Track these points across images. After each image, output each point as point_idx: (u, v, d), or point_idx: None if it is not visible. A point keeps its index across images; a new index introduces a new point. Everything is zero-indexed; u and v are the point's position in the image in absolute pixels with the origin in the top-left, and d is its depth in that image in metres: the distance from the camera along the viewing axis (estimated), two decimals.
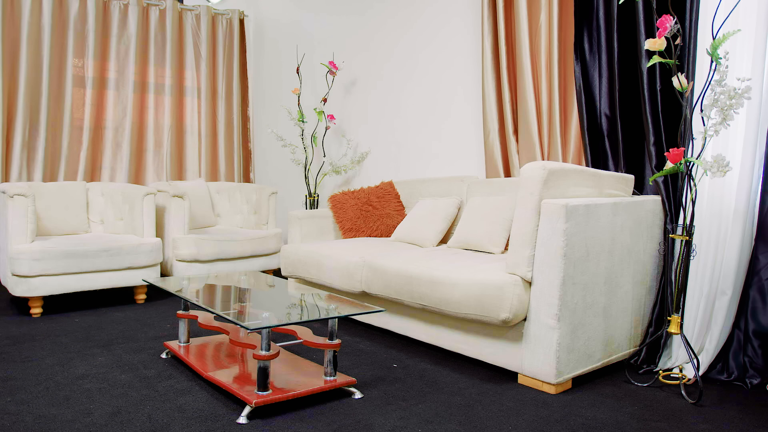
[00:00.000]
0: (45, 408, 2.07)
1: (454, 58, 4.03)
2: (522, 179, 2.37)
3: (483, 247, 3.00)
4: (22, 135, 4.60)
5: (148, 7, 5.16)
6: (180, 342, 2.66)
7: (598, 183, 2.60)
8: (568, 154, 3.28)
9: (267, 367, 2.07)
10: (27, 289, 3.36)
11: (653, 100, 2.72)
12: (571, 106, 3.27)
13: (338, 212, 3.95)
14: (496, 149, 3.62)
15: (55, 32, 4.71)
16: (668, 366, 2.58)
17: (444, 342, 2.69)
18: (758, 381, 2.42)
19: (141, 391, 2.24)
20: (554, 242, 2.25)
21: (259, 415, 2.04)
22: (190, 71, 5.43)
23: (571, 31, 3.21)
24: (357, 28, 4.80)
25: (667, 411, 2.16)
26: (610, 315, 2.50)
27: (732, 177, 2.46)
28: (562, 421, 2.04)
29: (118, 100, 5.04)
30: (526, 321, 2.36)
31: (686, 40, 2.62)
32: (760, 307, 2.48)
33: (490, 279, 2.36)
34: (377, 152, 4.62)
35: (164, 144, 5.28)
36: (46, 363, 2.57)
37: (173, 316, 3.48)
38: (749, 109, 2.42)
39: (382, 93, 4.59)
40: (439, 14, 4.10)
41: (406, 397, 2.23)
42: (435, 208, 3.50)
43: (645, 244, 2.65)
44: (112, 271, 3.58)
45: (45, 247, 3.40)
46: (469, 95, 3.93)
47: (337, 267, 3.19)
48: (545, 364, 2.28)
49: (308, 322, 2.27)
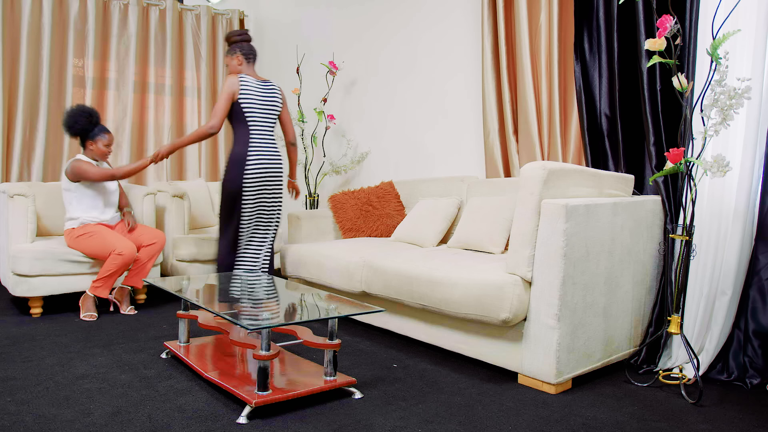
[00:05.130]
0: (45, 408, 2.07)
1: (454, 58, 4.03)
2: (522, 179, 2.37)
3: (483, 247, 3.00)
4: (22, 135, 4.60)
5: (148, 7, 5.16)
6: (180, 342, 2.66)
7: (598, 183, 2.60)
8: (568, 154, 3.28)
9: (267, 367, 2.06)
10: (27, 289, 3.36)
11: (653, 100, 2.72)
12: (571, 106, 3.27)
13: (338, 212, 3.95)
14: (496, 149, 3.62)
15: (55, 32, 4.71)
16: (668, 366, 2.58)
17: (444, 342, 2.69)
18: (758, 381, 2.42)
19: (141, 391, 2.24)
20: (554, 242, 2.25)
21: (259, 415, 2.04)
22: (190, 71, 5.43)
23: (571, 31, 3.21)
24: (357, 28, 4.80)
25: (667, 411, 2.16)
26: (610, 315, 2.50)
27: (732, 177, 2.46)
28: (562, 421, 2.04)
29: (118, 100, 5.04)
30: (526, 321, 2.36)
31: (686, 40, 2.62)
32: (760, 307, 2.47)
33: (490, 279, 2.36)
34: (377, 152, 4.62)
35: (164, 144, 5.28)
36: (46, 363, 2.57)
37: (173, 316, 3.48)
38: (749, 109, 2.41)
39: (382, 93, 4.59)
40: (441, 19, 4.11)
41: (406, 397, 2.23)
42: (435, 208, 3.50)
43: (645, 244, 2.65)
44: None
45: (45, 247, 3.40)
46: (469, 95, 3.93)
47: (337, 267, 3.19)
48: (545, 364, 2.28)
49: (308, 322, 2.27)
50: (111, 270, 3.36)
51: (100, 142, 3.54)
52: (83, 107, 3.57)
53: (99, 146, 3.54)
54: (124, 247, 3.36)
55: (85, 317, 3.35)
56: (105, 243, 3.38)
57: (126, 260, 3.37)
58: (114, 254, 3.34)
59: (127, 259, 3.37)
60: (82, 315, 3.37)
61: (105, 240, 3.39)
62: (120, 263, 3.36)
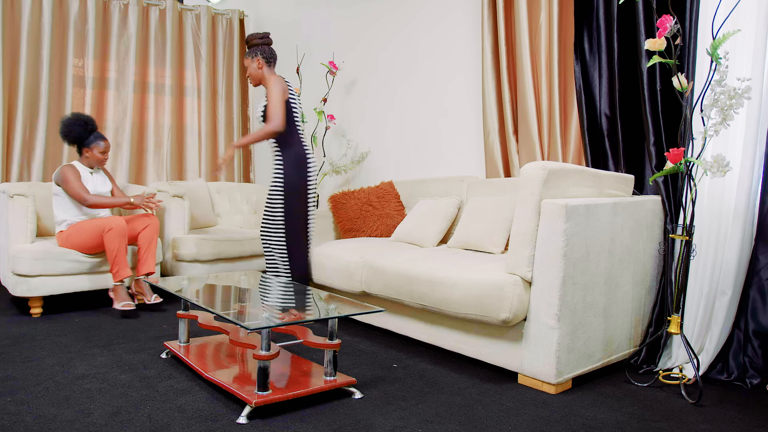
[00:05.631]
0: (45, 408, 2.07)
1: (454, 58, 4.03)
2: (522, 179, 2.37)
3: (483, 247, 3.00)
4: (22, 135, 4.60)
5: (148, 7, 5.16)
6: (180, 342, 2.66)
7: (598, 183, 2.60)
8: (568, 154, 3.28)
9: (267, 367, 2.07)
10: (27, 289, 3.36)
11: (653, 100, 2.72)
12: (571, 106, 3.27)
13: (338, 212, 3.95)
14: (496, 149, 3.62)
15: (55, 32, 4.71)
16: (668, 366, 2.58)
17: (444, 342, 2.69)
18: (758, 381, 2.42)
19: (141, 391, 2.24)
20: (554, 242, 2.25)
21: (259, 415, 2.04)
22: (190, 71, 5.43)
23: (571, 31, 3.21)
24: (357, 28, 4.80)
25: (667, 411, 2.16)
26: (610, 315, 2.50)
27: (732, 177, 2.46)
28: (562, 421, 2.04)
29: (118, 100, 5.04)
30: (526, 321, 2.36)
31: (686, 40, 2.62)
32: (760, 307, 2.47)
33: (490, 279, 2.36)
34: (377, 152, 4.62)
35: (164, 144, 5.29)
36: (46, 363, 2.57)
37: (173, 316, 3.48)
38: (749, 109, 2.41)
39: (382, 93, 4.59)
40: (441, 19, 4.11)
41: (406, 397, 2.23)
42: (435, 208, 3.50)
43: (645, 244, 2.65)
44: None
45: (45, 247, 3.40)
46: (469, 95, 3.93)
47: (337, 267, 3.19)
48: (545, 364, 2.28)
49: (308, 322, 2.27)
50: (114, 248, 3.36)
51: (96, 149, 3.58)
52: (79, 115, 3.61)
53: (95, 153, 3.59)
54: (108, 222, 3.37)
55: (123, 307, 3.35)
56: (92, 229, 3.41)
57: (119, 231, 3.37)
58: (105, 234, 3.36)
59: (120, 229, 3.37)
60: (119, 306, 3.36)
61: (91, 226, 3.42)
62: (115, 236, 3.36)
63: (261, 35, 3.52)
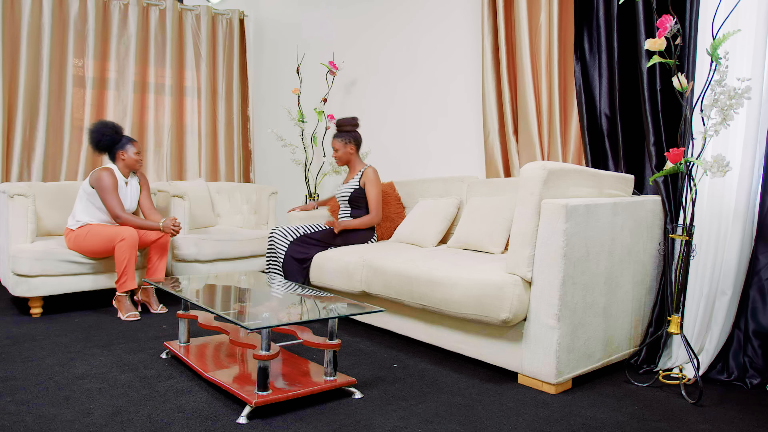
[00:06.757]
0: (45, 408, 2.07)
1: (454, 59, 4.03)
2: (522, 179, 2.37)
3: (483, 247, 3.00)
4: (22, 135, 4.60)
5: (148, 7, 5.16)
6: (180, 342, 2.66)
7: (598, 183, 2.60)
8: (568, 154, 3.28)
9: (267, 367, 2.06)
10: (27, 289, 3.36)
11: (653, 100, 2.72)
12: (571, 106, 3.27)
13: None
14: (496, 149, 3.62)
15: (55, 32, 4.71)
16: (668, 366, 2.58)
17: (444, 342, 2.69)
18: (758, 381, 2.42)
19: (141, 391, 2.24)
20: (554, 242, 2.25)
21: (259, 415, 2.04)
22: (190, 71, 5.43)
23: (571, 31, 3.21)
24: (357, 28, 4.80)
25: (667, 411, 2.16)
26: (610, 315, 2.50)
27: (732, 177, 2.46)
28: (562, 421, 2.04)
29: (118, 100, 5.04)
30: (526, 321, 2.36)
31: (686, 40, 2.62)
32: (760, 307, 2.47)
33: (490, 279, 2.36)
34: (377, 152, 4.61)
35: (164, 144, 5.29)
36: (46, 363, 2.56)
37: (173, 316, 3.48)
38: (749, 109, 2.41)
39: (382, 93, 4.59)
40: (441, 19, 4.11)
41: (406, 397, 2.23)
42: (435, 209, 3.50)
43: (645, 244, 2.65)
44: (112, 272, 3.58)
45: (45, 247, 3.40)
46: (469, 95, 3.93)
47: (337, 267, 3.19)
48: (545, 364, 2.28)
49: (308, 322, 2.27)
50: (124, 259, 3.35)
51: (131, 150, 3.54)
52: (105, 122, 3.62)
53: (130, 155, 3.54)
54: (121, 232, 3.35)
55: (128, 317, 3.36)
56: (104, 236, 3.38)
57: (131, 242, 3.34)
58: (117, 244, 3.33)
59: (132, 240, 3.35)
60: (124, 316, 3.36)
61: (103, 234, 3.39)
62: (126, 247, 3.33)
63: (352, 121, 3.74)
